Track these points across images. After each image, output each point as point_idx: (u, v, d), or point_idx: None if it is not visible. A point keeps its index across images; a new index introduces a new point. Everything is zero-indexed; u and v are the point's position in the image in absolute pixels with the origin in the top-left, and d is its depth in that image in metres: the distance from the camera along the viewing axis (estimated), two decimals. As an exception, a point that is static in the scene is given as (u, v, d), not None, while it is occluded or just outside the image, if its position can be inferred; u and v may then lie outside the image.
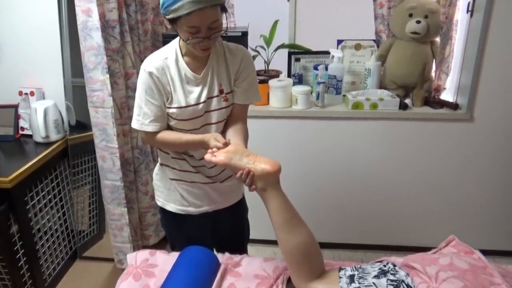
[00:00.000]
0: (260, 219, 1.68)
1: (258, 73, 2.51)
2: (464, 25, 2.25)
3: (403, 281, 1.21)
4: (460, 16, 2.24)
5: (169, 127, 1.50)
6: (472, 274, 1.18)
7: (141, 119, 1.45)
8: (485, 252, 1.38)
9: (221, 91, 1.47)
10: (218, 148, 1.35)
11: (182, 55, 1.43)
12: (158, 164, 1.66)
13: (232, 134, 1.46)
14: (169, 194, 1.63)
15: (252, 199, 1.62)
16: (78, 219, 2.54)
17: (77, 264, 2.54)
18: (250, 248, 2.48)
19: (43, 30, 2.28)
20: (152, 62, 1.41)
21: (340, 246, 2.63)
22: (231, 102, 1.51)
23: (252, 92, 1.54)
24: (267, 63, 2.48)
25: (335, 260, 1.65)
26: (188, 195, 1.60)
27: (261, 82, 2.35)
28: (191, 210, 1.63)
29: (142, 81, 1.42)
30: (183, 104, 1.43)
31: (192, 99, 1.44)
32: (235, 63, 1.48)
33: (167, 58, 1.42)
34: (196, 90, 1.44)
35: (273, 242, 1.34)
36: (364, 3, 2.43)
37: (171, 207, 1.64)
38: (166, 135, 1.47)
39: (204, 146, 1.42)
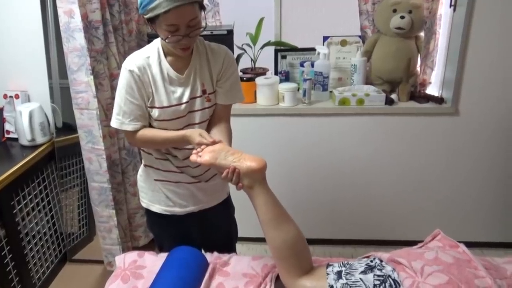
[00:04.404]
0: (249, 217, 1.68)
1: (245, 71, 2.51)
2: (447, 20, 2.27)
3: (389, 276, 1.22)
4: (444, 10, 2.26)
5: (151, 128, 1.49)
6: (457, 268, 1.20)
7: (121, 118, 1.43)
8: (472, 244, 1.40)
9: (203, 91, 1.47)
10: (205, 145, 1.34)
11: (165, 55, 1.43)
12: (142, 165, 1.65)
13: (216, 133, 1.46)
14: (153, 195, 1.62)
15: (240, 197, 1.62)
16: (67, 221, 2.53)
17: (67, 267, 2.52)
18: (241, 246, 2.49)
19: (27, 32, 2.24)
20: (134, 61, 1.40)
21: (329, 241, 2.64)
22: (214, 102, 1.51)
23: (235, 92, 1.54)
24: (254, 61, 2.48)
25: (325, 256, 1.66)
26: (173, 196, 1.60)
27: (248, 80, 2.35)
28: (177, 210, 1.62)
29: (122, 79, 1.41)
30: (165, 104, 1.43)
31: (174, 99, 1.43)
32: (217, 63, 1.48)
33: (149, 57, 1.42)
34: (179, 90, 1.44)
35: (264, 240, 1.35)
36: (348, -1, 2.44)
37: (156, 208, 1.63)
38: (146, 133, 1.46)
39: (186, 142, 1.41)
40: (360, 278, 1.23)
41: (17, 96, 2.32)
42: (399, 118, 2.33)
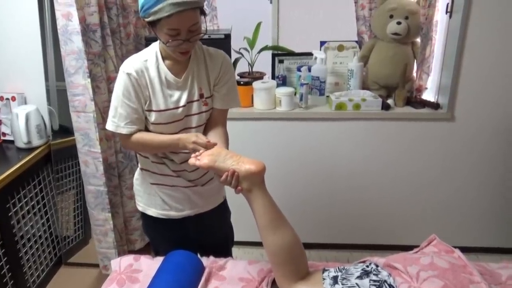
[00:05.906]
0: (246, 221, 1.69)
1: (242, 75, 2.52)
2: (443, 26, 2.29)
3: (385, 281, 1.23)
4: (440, 17, 2.27)
5: (147, 131, 1.48)
6: (452, 273, 1.20)
7: (116, 121, 1.43)
8: (468, 250, 1.40)
9: (201, 95, 1.47)
10: (200, 145, 1.34)
11: (163, 59, 1.43)
12: (138, 168, 1.65)
13: (213, 137, 1.46)
14: (149, 198, 1.62)
15: (237, 201, 1.62)
16: (63, 224, 2.52)
17: (62, 270, 2.51)
18: (237, 250, 2.48)
19: (24, 34, 2.25)
20: (132, 64, 1.40)
21: (325, 246, 2.64)
22: (211, 106, 1.52)
23: (231, 98, 1.54)
24: (251, 65, 2.49)
25: (321, 260, 1.66)
26: (169, 199, 1.59)
27: (245, 84, 2.36)
28: (173, 214, 1.62)
29: (119, 82, 1.41)
30: (162, 108, 1.43)
31: (171, 102, 1.43)
32: (215, 68, 1.49)
33: (147, 61, 1.42)
34: (176, 94, 1.44)
35: (260, 244, 1.35)
36: (345, 5, 2.45)
37: (152, 211, 1.63)
38: (141, 136, 1.45)
39: (180, 145, 1.40)
40: (356, 283, 1.23)
41: (13, 98, 2.32)
42: (395, 123, 2.34)
